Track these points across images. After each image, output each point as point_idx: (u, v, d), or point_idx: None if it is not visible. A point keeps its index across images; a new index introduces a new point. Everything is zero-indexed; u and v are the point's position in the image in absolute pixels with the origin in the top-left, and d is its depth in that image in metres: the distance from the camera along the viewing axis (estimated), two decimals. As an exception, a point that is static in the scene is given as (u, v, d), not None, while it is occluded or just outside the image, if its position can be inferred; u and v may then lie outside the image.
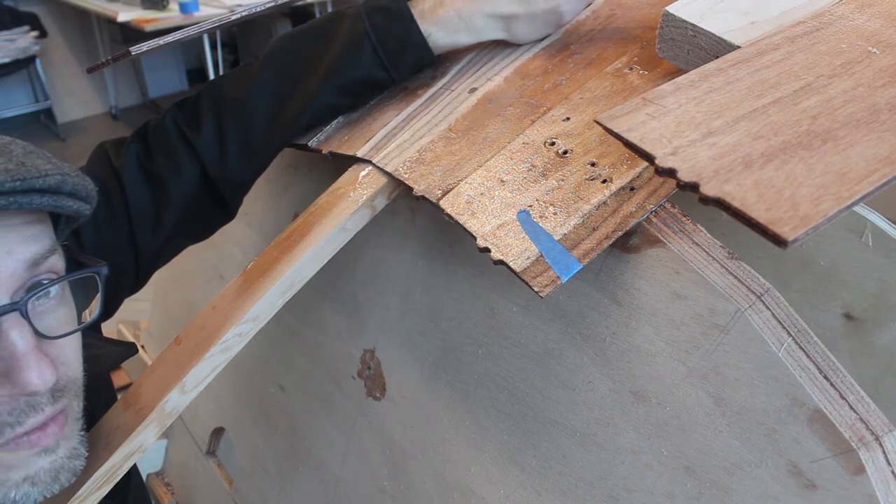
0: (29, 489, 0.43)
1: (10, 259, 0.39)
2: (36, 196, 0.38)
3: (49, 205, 0.39)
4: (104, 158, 0.63)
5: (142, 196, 0.61)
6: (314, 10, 3.56)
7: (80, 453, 0.46)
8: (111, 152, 0.63)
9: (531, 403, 0.52)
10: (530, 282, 0.42)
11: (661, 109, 0.38)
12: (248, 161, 0.62)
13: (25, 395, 0.41)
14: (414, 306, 0.61)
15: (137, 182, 0.61)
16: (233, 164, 0.62)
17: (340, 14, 0.62)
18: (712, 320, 0.41)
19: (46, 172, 0.39)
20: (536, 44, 0.62)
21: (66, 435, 0.44)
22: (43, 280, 0.42)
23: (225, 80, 0.64)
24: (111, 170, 0.61)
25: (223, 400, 0.88)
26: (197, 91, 0.64)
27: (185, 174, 0.62)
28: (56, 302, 0.44)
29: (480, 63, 0.62)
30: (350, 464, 0.68)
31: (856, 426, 0.36)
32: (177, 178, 0.61)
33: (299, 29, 0.64)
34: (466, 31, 0.60)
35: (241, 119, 0.61)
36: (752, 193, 0.32)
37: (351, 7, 0.62)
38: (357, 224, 0.56)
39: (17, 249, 0.40)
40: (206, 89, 0.64)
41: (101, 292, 0.45)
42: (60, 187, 0.40)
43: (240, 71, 0.63)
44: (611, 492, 0.47)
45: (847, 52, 0.41)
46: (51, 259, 0.42)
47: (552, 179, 0.47)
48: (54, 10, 3.84)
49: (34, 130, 4.00)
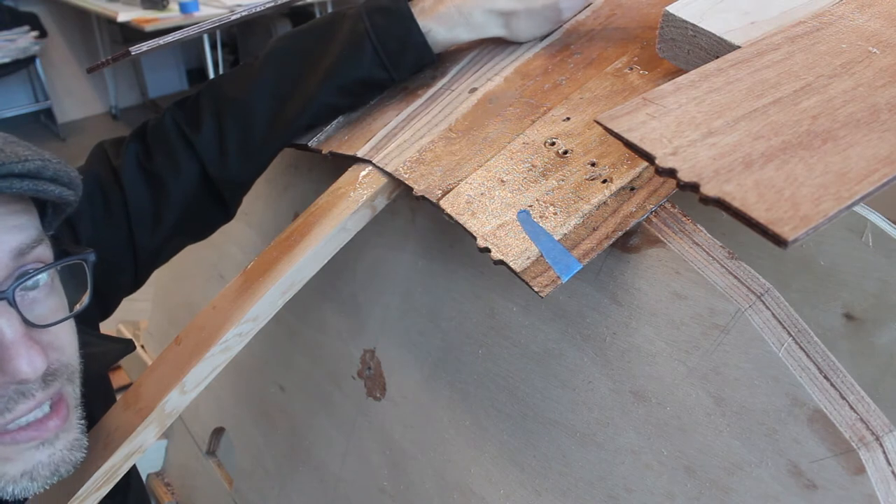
0: (27, 484, 0.43)
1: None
2: (16, 181, 0.38)
3: (30, 189, 0.39)
4: (103, 158, 0.63)
5: (141, 195, 0.61)
6: (314, 9, 3.56)
7: (81, 444, 0.46)
8: (110, 151, 0.63)
9: (531, 403, 0.52)
10: (530, 282, 0.42)
11: (662, 109, 0.38)
12: (248, 161, 0.62)
13: (15, 384, 0.40)
14: (414, 306, 0.61)
15: (136, 181, 0.61)
16: (233, 164, 0.62)
17: (341, 14, 0.62)
18: (712, 320, 0.41)
19: (26, 158, 0.39)
20: (536, 43, 0.62)
21: (66, 427, 0.44)
22: (30, 269, 0.41)
23: (225, 79, 0.64)
24: (110, 169, 0.61)
25: (223, 400, 0.88)
26: (197, 90, 0.64)
27: (185, 173, 0.62)
28: (46, 291, 0.43)
29: (480, 63, 0.62)
30: (350, 464, 0.68)
31: (856, 426, 0.36)
32: (176, 177, 0.61)
33: (300, 29, 0.64)
34: (466, 26, 0.60)
35: (240, 119, 0.61)
36: (753, 193, 0.32)
37: (351, 7, 0.62)
38: (357, 224, 0.56)
39: (3, 238, 0.40)
40: (205, 88, 0.64)
41: (90, 279, 0.45)
42: (41, 172, 0.40)
43: (240, 70, 0.63)
44: (611, 492, 0.47)
45: (847, 52, 0.41)
46: (38, 249, 0.42)
47: (552, 179, 0.47)
48: (54, 10, 3.84)
49: (34, 130, 4.00)
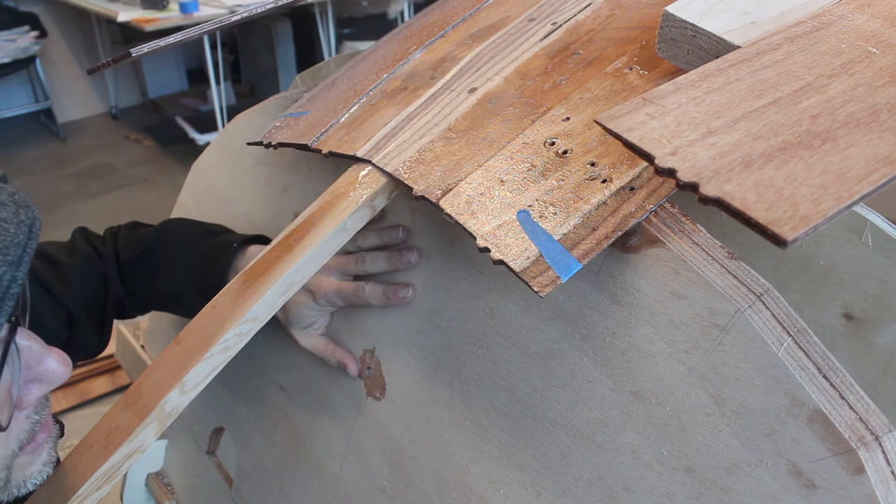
0: (41, 468, 0.47)
1: None
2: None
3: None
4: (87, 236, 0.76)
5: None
6: (314, 10, 3.56)
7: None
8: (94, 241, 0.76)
9: (531, 403, 0.52)
10: (530, 282, 0.42)
11: (661, 109, 0.38)
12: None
13: (53, 390, 0.44)
14: (414, 306, 0.61)
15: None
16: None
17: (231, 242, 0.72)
18: (712, 320, 0.41)
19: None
20: (536, 43, 0.62)
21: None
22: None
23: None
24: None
25: (223, 400, 0.88)
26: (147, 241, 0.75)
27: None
28: None
29: (480, 63, 0.62)
30: (350, 464, 0.68)
31: (855, 426, 0.37)
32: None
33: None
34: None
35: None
36: (752, 193, 0.32)
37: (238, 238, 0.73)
38: (357, 224, 0.56)
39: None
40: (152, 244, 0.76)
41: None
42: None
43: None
44: (610, 491, 0.47)
45: (847, 52, 0.41)
46: None
47: (552, 179, 0.47)
48: (54, 10, 3.84)
49: (34, 130, 4.00)
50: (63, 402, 1.74)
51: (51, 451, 0.47)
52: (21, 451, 0.44)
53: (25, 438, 0.44)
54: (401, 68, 0.68)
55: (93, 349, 0.76)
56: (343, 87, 0.70)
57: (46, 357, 0.42)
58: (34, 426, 0.44)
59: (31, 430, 0.44)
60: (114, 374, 1.81)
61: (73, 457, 0.55)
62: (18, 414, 0.43)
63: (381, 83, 0.67)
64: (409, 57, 0.69)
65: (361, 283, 0.61)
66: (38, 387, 0.43)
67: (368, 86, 0.67)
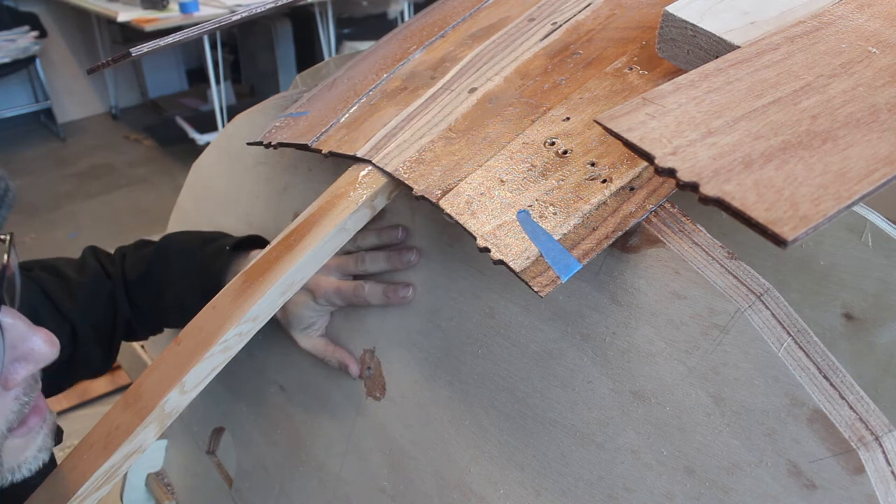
0: (36, 454, 0.46)
1: None
2: None
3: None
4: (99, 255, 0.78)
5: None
6: (314, 10, 3.56)
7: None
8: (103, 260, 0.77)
9: (531, 403, 0.52)
10: (530, 282, 0.42)
11: (661, 109, 0.38)
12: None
13: (40, 369, 0.43)
14: (414, 306, 0.61)
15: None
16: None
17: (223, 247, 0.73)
18: (712, 320, 0.41)
19: None
20: (536, 43, 0.62)
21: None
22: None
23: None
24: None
25: (223, 400, 0.88)
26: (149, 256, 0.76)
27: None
28: None
29: (480, 63, 0.62)
30: (350, 464, 0.68)
31: (855, 426, 0.37)
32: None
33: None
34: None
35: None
36: (752, 193, 0.32)
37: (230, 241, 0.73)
38: (357, 224, 0.56)
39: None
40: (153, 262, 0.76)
41: (12, 251, 0.46)
42: None
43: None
44: (610, 491, 0.47)
45: (847, 51, 0.41)
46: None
47: (552, 179, 0.47)
48: (54, 10, 3.84)
49: (34, 130, 4.00)
50: (63, 402, 1.74)
51: (46, 437, 0.46)
52: (11, 433, 0.43)
53: (14, 420, 0.43)
54: (401, 68, 0.68)
55: (97, 367, 0.76)
56: (343, 87, 0.70)
57: (32, 336, 0.42)
58: (23, 408, 0.43)
59: (20, 412, 0.43)
60: (114, 374, 1.81)
61: (73, 457, 0.55)
62: (5, 394, 0.42)
63: (381, 83, 0.67)
64: (409, 57, 0.69)
65: (361, 283, 0.61)
66: (23, 366, 0.42)
67: (368, 86, 0.67)
